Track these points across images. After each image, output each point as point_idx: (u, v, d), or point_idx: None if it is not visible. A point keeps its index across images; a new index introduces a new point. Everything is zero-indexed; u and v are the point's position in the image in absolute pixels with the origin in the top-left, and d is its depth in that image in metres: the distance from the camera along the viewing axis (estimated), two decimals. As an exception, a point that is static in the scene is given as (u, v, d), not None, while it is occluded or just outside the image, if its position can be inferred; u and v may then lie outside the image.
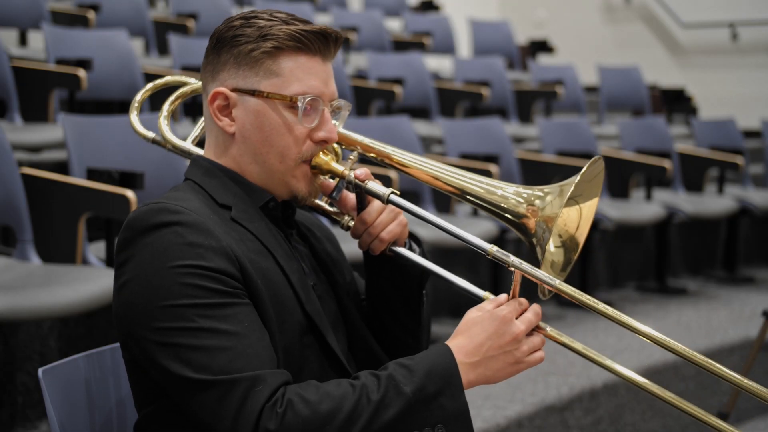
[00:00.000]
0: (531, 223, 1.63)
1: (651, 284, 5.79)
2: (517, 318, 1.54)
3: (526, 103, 7.24)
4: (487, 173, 4.59)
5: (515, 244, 4.97)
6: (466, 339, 1.52)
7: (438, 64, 8.46)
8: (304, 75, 1.62)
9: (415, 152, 1.81)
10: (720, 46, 9.29)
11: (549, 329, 1.56)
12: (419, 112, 6.59)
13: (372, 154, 1.78)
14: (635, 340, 1.65)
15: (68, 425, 1.69)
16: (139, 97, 1.96)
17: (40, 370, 1.66)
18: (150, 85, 1.97)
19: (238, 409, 1.43)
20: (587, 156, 5.42)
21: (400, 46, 7.73)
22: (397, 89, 5.99)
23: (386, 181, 3.17)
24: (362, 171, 1.67)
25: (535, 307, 1.57)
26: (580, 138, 5.88)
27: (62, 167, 3.94)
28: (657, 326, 5.34)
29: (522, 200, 1.65)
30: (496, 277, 4.81)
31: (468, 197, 1.70)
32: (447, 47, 8.42)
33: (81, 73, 4.44)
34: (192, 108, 5.13)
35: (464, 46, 9.19)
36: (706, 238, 6.31)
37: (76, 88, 4.48)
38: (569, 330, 4.49)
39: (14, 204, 3.22)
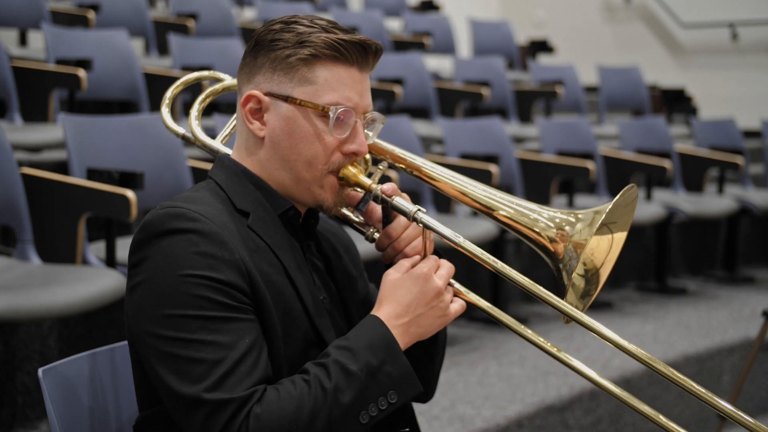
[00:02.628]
0: (560, 248, 1.62)
1: (651, 284, 5.79)
2: (434, 273, 1.59)
3: (526, 103, 7.24)
4: (487, 173, 4.60)
5: (515, 244, 4.97)
6: (394, 303, 1.57)
7: (438, 64, 8.46)
8: (339, 85, 1.61)
9: (415, 152, 1.80)
10: (720, 46, 9.29)
11: (457, 285, 1.62)
12: (419, 112, 6.59)
13: (402, 166, 1.77)
14: (632, 339, 1.64)
15: (68, 425, 1.69)
16: (170, 92, 1.94)
17: (40, 370, 1.66)
18: (182, 80, 1.96)
19: (223, 429, 1.44)
20: (587, 156, 5.42)
21: (400, 46, 7.73)
22: (397, 89, 5.99)
23: (386, 182, 3.15)
24: (389, 186, 1.65)
25: (447, 262, 1.62)
26: (580, 138, 5.88)
27: (62, 167, 3.94)
28: (657, 326, 5.33)
29: (552, 225, 1.63)
30: (495, 283, 4.81)
31: (496, 216, 1.68)
32: (447, 47, 8.42)
33: (81, 73, 4.45)
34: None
35: (464, 46, 9.19)
36: (706, 238, 6.31)
37: (76, 88, 4.48)
38: (568, 330, 4.50)
39: (14, 204, 3.22)
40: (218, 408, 1.44)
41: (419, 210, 1.63)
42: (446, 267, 1.61)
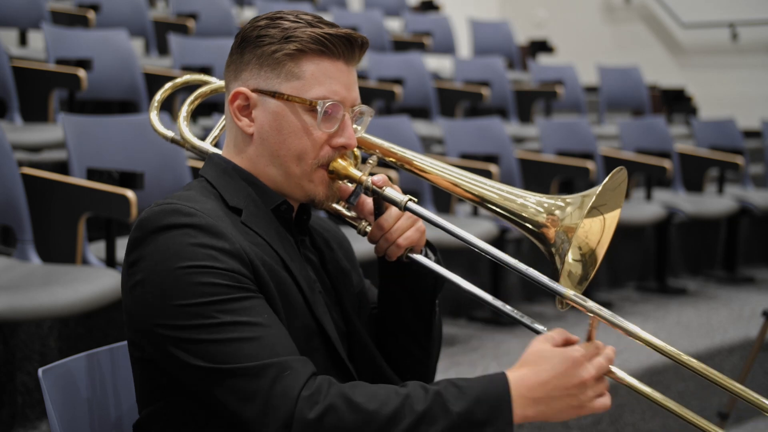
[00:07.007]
0: (551, 232, 1.60)
1: (651, 284, 5.79)
2: (588, 361, 1.49)
3: (526, 103, 7.24)
4: (487, 173, 4.59)
5: (515, 244, 4.97)
6: (532, 373, 1.46)
7: (438, 64, 8.46)
8: (326, 79, 1.61)
9: (415, 152, 1.80)
10: (720, 46, 9.29)
11: (618, 372, 1.52)
12: (419, 112, 6.59)
13: (392, 159, 1.77)
14: (632, 339, 1.63)
15: (68, 425, 1.69)
16: (158, 96, 1.94)
17: (40, 370, 1.66)
18: (169, 84, 1.96)
19: (268, 393, 1.42)
20: (587, 156, 5.42)
21: (400, 46, 7.73)
22: (397, 89, 5.99)
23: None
24: (380, 177, 1.66)
25: (609, 353, 1.53)
26: (580, 138, 5.88)
27: (62, 167, 3.94)
28: (657, 326, 5.32)
29: (542, 210, 1.63)
30: (496, 278, 4.81)
31: (488, 205, 1.68)
32: (447, 47, 8.42)
33: (81, 73, 4.45)
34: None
35: (464, 46, 9.19)
36: (706, 238, 6.31)
37: (76, 88, 4.48)
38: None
39: (14, 204, 3.22)
40: (258, 373, 1.43)
41: (410, 199, 1.64)
42: (605, 357, 1.51)
